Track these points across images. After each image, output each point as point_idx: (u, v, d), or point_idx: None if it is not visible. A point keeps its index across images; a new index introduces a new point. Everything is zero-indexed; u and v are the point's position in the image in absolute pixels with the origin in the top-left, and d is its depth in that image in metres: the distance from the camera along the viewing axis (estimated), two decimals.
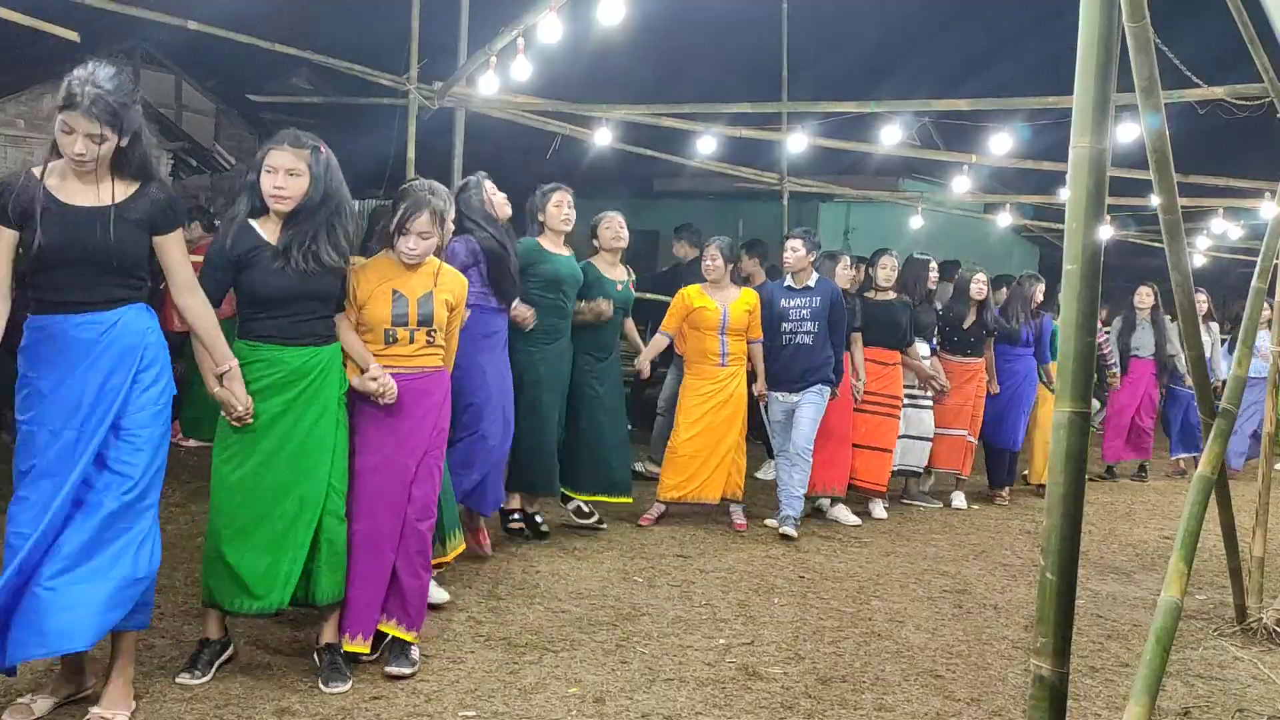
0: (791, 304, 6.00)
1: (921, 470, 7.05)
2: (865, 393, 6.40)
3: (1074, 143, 2.19)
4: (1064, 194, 2.86)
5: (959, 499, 7.14)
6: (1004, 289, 7.63)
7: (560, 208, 5.15)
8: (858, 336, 6.40)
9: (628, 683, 3.57)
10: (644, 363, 6.08)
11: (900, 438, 6.71)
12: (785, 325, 5.98)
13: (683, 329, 5.97)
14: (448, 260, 3.93)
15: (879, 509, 6.62)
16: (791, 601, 4.67)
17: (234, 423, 3.24)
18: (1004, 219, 13.46)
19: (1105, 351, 8.30)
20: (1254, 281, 4.13)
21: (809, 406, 5.93)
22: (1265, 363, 6.41)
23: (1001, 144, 9.40)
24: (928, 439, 6.88)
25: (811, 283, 6.02)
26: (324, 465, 3.35)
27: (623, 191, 17.09)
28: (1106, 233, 2.63)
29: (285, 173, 3.26)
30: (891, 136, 9.27)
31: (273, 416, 3.28)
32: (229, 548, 3.28)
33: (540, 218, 5.18)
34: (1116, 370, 8.43)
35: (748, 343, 5.97)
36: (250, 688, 3.32)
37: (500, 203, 4.72)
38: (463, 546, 4.28)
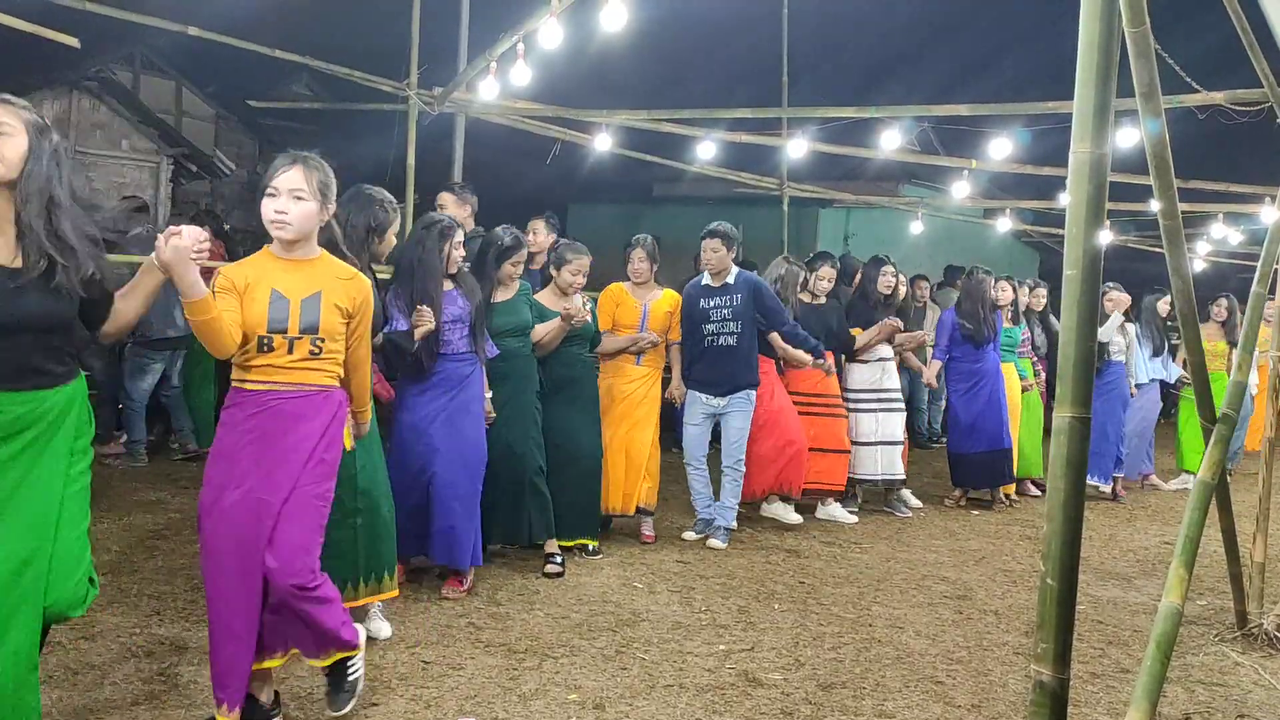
0: (712, 304, 5.79)
1: (902, 477, 6.92)
2: (808, 395, 6.33)
3: (1074, 148, 2.19)
4: (1064, 199, 2.85)
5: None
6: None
7: (518, 267, 4.92)
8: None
9: (627, 689, 3.56)
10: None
11: (870, 444, 6.69)
12: (708, 327, 5.77)
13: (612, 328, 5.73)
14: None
15: (843, 512, 6.56)
16: (791, 607, 4.67)
17: None
18: (1004, 224, 13.49)
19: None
20: (1254, 286, 4.13)
21: (738, 416, 5.79)
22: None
23: (1001, 149, 9.40)
24: (899, 443, 6.82)
25: (731, 280, 5.79)
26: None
27: (622, 197, 17.12)
28: (1106, 238, 2.63)
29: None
30: (891, 142, 9.31)
31: None
32: None
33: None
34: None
35: (667, 345, 5.81)
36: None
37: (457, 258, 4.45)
38: (394, 592, 3.89)
